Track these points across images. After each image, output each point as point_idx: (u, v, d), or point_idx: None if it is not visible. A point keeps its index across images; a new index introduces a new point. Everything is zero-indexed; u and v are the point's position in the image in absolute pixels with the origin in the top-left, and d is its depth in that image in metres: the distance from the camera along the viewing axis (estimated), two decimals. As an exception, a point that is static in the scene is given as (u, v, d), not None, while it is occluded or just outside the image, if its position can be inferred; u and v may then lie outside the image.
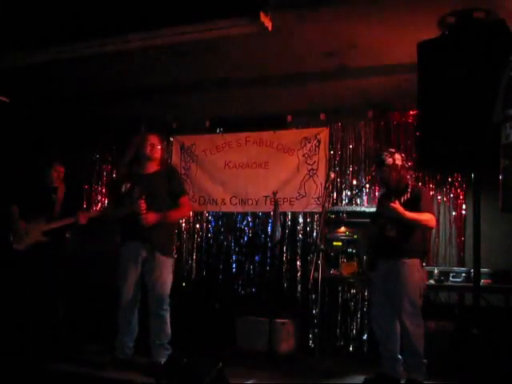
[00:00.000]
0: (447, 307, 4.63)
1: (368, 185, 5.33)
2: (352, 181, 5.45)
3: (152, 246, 3.93)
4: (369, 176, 5.34)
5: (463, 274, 4.42)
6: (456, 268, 4.64)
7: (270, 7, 3.35)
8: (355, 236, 4.77)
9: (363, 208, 5.01)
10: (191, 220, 6.01)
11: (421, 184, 4.85)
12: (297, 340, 4.97)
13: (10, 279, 4.59)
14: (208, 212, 6.01)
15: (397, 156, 3.84)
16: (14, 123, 5.81)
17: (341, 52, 4.15)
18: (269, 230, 5.67)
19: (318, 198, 5.35)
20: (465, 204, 5.00)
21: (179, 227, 5.93)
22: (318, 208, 5.30)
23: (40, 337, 4.38)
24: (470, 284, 3.83)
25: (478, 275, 3.06)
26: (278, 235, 4.88)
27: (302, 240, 5.56)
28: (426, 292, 3.85)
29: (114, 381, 3.74)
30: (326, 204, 4.70)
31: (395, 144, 5.10)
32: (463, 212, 5.01)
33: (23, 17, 3.82)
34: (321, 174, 5.41)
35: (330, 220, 4.86)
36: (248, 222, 5.88)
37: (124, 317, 4.02)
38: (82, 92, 5.42)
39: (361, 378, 3.85)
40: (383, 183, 4.01)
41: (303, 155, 5.52)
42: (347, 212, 4.86)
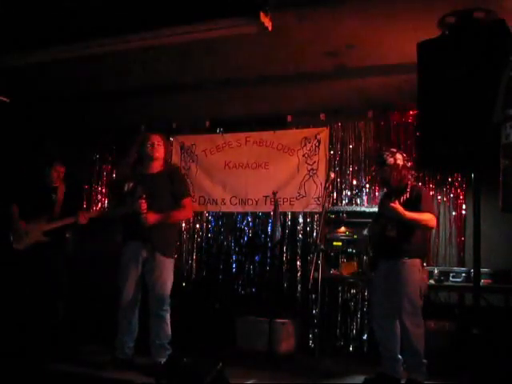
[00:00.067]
0: (447, 307, 4.63)
1: (368, 185, 5.33)
2: (352, 181, 5.45)
3: (152, 246, 3.93)
4: (369, 176, 5.34)
5: (463, 274, 4.42)
6: (456, 268, 4.65)
7: (270, 7, 3.35)
8: (355, 236, 4.77)
9: (363, 208, 5.01)
10: (191, 220, 6.00)
11: (421, 184, 4.84)
12: (297, 340, 4.97)
13: (10, 279, 4.59)
14: (208, 212, 6.01)
15: (398, 156, 3.84)
16: (14, 123, 5.81)
17: (340, 52, 4.15)
18: (269, 230, 5.67)
19: (318, 198, 5.35)
20: (465, 204, 5.00)
21: (179, 227, 5.93)
22: (318, 208, 5.30)
23: (40, 337, 4.38)
24: (470, 284, 3.83)
25: (478, 275, 3.05)
26: (278, 235, 4.88)
27: (302, 240, 5.56)
28: (427, 292, 3.84)
29: (114, 381, 3.74)
30: (326, 204, 4.70)
31: (395, 144, 5.10)
32: (463, 212, 5.01)
33: (23, 17, 3.82)
34: (321, 174, 5.41)
35: (330, 220, 4.87)
36: (248, 222, 5.88)
37: (124, 316, 4.02)
38: (82, 92, 5.42)
39: (361, 378, 3.85)
40: (384, 183, 4.01)
41: (303, 155, 5.52)
42: (347, 212, 4.87)
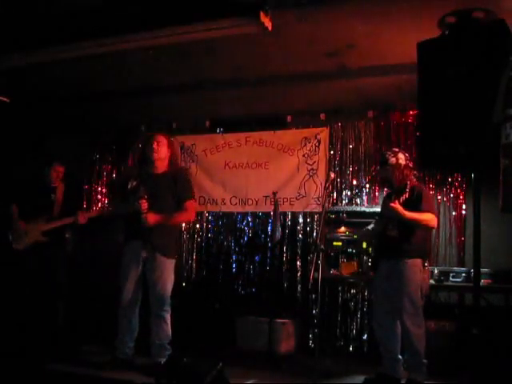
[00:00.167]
0: (447, 307, 4.63)
1: (368, 185, 5.33)
2: (352, 181, 5.45)
3: (152, 247, 3.93)
4: (369, 176, 5.34)
5: (463, 274, 4.42)
6: (456, 268, 4.64)
7: (270, 7, 3.35)
8: (355, 236, 4.77)
9: (363, 208, 5.02)
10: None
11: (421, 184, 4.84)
12: (297, 340, 4.97)
13: (10, 279, 4.59)
14: (208, 212, 6.00)
15: (400, 155, 3.83)
16: (14, 123, 5.81)
17: (341, 52, 4.15)
18: (269, 230, 5.66)
19: (318, 198, 5.35)
20: (465, 204, 4.99)
21: (180, 227, 5.92)
22: (318, 208, 5.30)
23: (40, 337, 4.38)
24: (470, 284, 3.83)
25: (478, 275, 3.05)
26: (278, 235, 4.87)
27: (302, 240, 5.56)
28: (428, 292, 3.84)
29: (114, 381, 3.74)
30: (326, 204, 4.70)
31: (395, 144, 5.09)
32: (463, 212, 5.01)
33: (23, 17, 3.82)
34: (321, 174, 5.41)
35: (330, 220, 4.86)
36: (248, 222, 5.87)
37: (124, 316, 4.02)
38: (82, 92, 5.42)
39: (361, 378, 3.85)
40: (386, 182, 4.01)
41: (303, 155, 5.52)
42: (347, 212, 4.86)
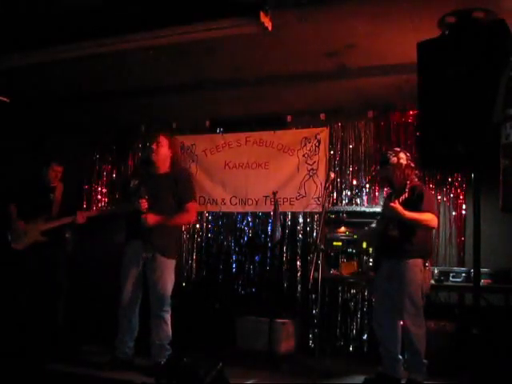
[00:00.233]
0: (447, 307, 4.62)
1: (368, 185, 5.33)
2: (352, 181, 5.45)
3: (152, 247, 3.93)
4: (369, 176, 5.34)
5: (463, 274, 4.42)
6: (456, 268, 4.64)
7: (270, 7, 3.35)
8: (355, 236, 4.77)
9: (363, 208, 5.02)
10: (191, 220, 6.01)
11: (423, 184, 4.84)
12: (297, 340, 4.97)
13: (9, 279, 4.59)
14: (208, 212, 6.00)
15: (401, 155, 3.83)
16: (14, 123, 5.81)
17: (341, 52, 4.15)
18: (269, 230, 5.66)
19: (318, 198, 5.35)
20: (465, 204, 4.99)
21: (181, 228, 5.92)
22: (318, 208, 5.30)
23: (40, 337, 4.38)
24: (470, 284, 3.83)
25: (478, 275, 3.05)
26: (278, 235, 4.87)
27: (302, 240, 5.56)
28: (428, 292, 3.84)
29: (114, 381, 3.74)
30: (326, 204, 4.70)
31: (395, 144, 5.08)
32: (463, 212, 5.01)
33: (23, 17, 3.82)
34: (321, 174, 5.41)
35: (330, 220, 4.86)
36: (248, 222, 5.87)
37: (124, 316, 4.02)
38: (82, 92, 5.42)
39: (361, 378, 3.85)
40: (387, 182, 4.01)
41: (303, 155, 5.52)
42: (347, 212, 4.86)
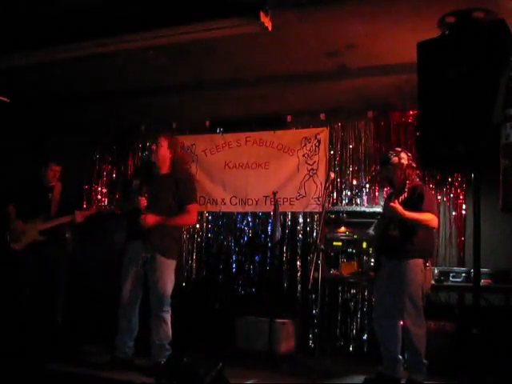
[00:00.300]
0: (447, 307, 4.63)
1: (368, 185, 5.33)
2: (352, 181, 5.45)
3: (152, 247, 3.93)
4: (369, 176, 5.34)
5: (463, 274, 4.42)
6: (456, 268, 4.65)
7: (270, 7, 3.35)
8: (355, 236, 4.77)
9: (363, 208, 5.02)
10: (191, 221, 6.00)
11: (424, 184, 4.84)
12: (297, 340, 4.97)
13: (9, 279, 4.59)
14: (208, 212, 6.00)
15: (402, 155, 3.82)
16: (14, 123, 5.81)
17: (341, 52, 4.15)
18: (269, 230, 5.67)
19: (318, 198, 5.35)
20: (465, 204, 5.00)
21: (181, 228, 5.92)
22: (318, 208, 5.30)
23: (40, 337, 4.38)
24: (470, 284, 3.83)
25: (478, 275, 3.04)
26: (278, 235, 4.87)
27: (302, 240, 5.56)
28: (429, 292, 3.84)
29: (114, 381, 3.74)
30: (326, 204, 4.70)
31: (395, 144, 5.09)
32: (463, 212, 5.01)
33: (23, 17, 3.82)
34: (321, 174, 5.41)
35: (330, 220, 4.86)
36: (248, 222, 5.88)
37: (124, 315, 4.02)
38: (82, 92, 5.42)
39: (361, 378, 3.84)
40: (388, 182, 4.00)
41: (303, 155, 5.52)
42: (347, 212, 4.87)
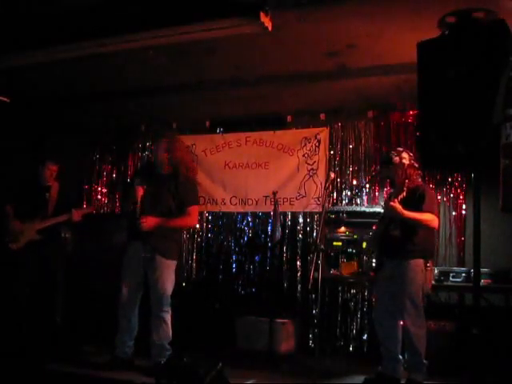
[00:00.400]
0: (447, 307, 4.63)
1: (368, 185, 5.33)
2: (352, 181, 5.45)
3: (152, 248, 3.93)
4: (369, 176, 5.34)
5: (463, 274, 4.42)
6: (456, 268, 4.65)
7: (270, 7, 3.35)
8: (355, 236, 4.77)
9: (363, 208, 5.01)
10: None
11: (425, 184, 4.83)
12: (297, 340, 4.97)
13: (8, 279, 4.59)
14: (208, 212, 6.00)
15: (404, 155, 3.83)
16: (14, 123, 5.81)
17: (341, 52, 4.15)
18: (269, 230, 5.66)
19: (318, 198, 5.35)
20: (465, 204, 5.00)
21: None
22: (318, 208, 5.30)
23: (39, 337, 4.38)
24: (470, 284, 3.83)
25: (478, 275, 3.05)
26: (278, 235, 4.87)
27: (302, 240, 5.56)
28: (429, 292, 3.83)
29: (114, 381, 3.74)
30: (326, 204, 4.70)
31: (395, 144, 5.09)
32: (463, 212, 5.01)
33: (23, 17, 3.82)
34: (321, 174, 5.41)
35: (330, 220, 4.86)
36: (248, 222, 5.87)
37: (124, 315, 4.02)
38: (82, 92, 5.42)
39: (361, 378, 3.85)
40: (390, 182, 4.00)
41: (303, 155, 5.52)
42: (347, 212, 4.87)
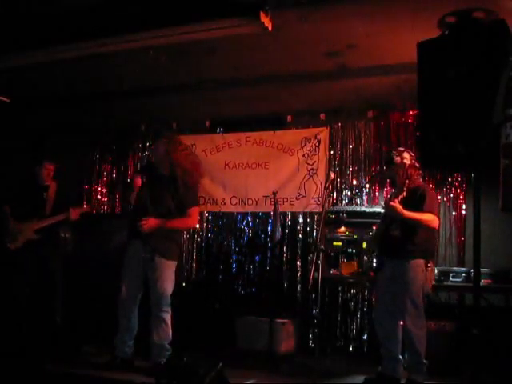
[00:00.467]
0: (447, 307, 4.63)
1: (368, 185, 5.34)
2: (352, 181, 5.45)
3: (152, 248, 3.93)
4: (369, 176, 5.34)
5: (463, 274, 4.42)
6: (456, 268, 4.65)
7: (270, 7, 3.35)
8: (355, 236, 4.77)
9: (363, 208, 5.01)
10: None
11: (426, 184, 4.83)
12: (297, 340, 4.96)
13: (7, 279, 4.59)
14: (208, 212, 6.00)
15: (405, 155, 3.82)
16: (14, 123, 5.81)
17: (341, 52, 4.15)
18: (269, 230, 5.67)
19: (318, 198, 5.35)
20: (465, 204, 5.00)
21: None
22: (318, 208, 5.30)
23: (39, 337, 4.38)
24: (470, 284, 3.83)
25: (478, 275, 3.04)
26: (278, 235, 4.87)
27: (302, 240, 5.56)
28: (428, 293, 3.83)
29: (114, 381, 3.74)
30: (326, 204, 4.70)
31: (395, 144, 5.10)
32: (463, 212, 5.01)
33: (23, 17, 3.82)
34: (321, 174, 5.41)
35: (330, 220, 4.86)
36: (248, 222, 5.88)
37: (124, 315, 4.02)
38: (82, 92, 5.42)
39: (361, 378, 3.85)
40: (391, 182, 4.00)
41: (303, 155, 5.52)
42: (347, 212, 4.86)
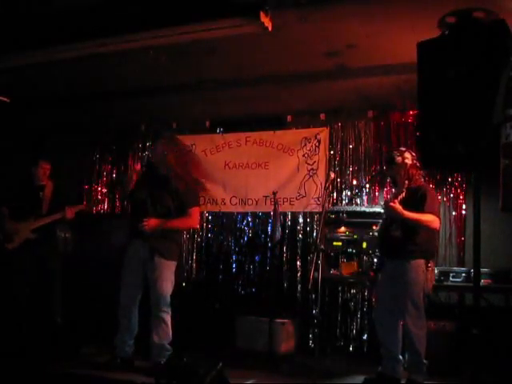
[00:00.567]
0: (447, 307, 4.63)
1: (368, 185, 5.33)
2: (352, 181, 5.45)
3: (152, 248, 3.93)
4: (369, 176, 5.34)
5: (463, 274, 4.42)
6: (456, 268, 4.65)
7: (270, 7, 3.35)
8: (355, 236, 4.77)
9: (363, 208, 5.02)
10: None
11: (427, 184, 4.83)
12: (297, 340, 4.96)
13: (6, 279, 4.59)
14: (208, 212, 6.00)
15: (406, 155, 3.82)
16: (14, 123, 5.81)
17: (341, 52, 4.15)
18: (269, 230, 5.67)
19: (318, 198, 5.35)
20: (465, 204, 5.00)
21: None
22: (318, 208, 5.30)
23: (39, 337, 4.38)
24: (470, 284, 3.83)
25: (478, 275, 3.04)
26: (278, 235, 4.87)
27: (302, 240, 5.56)
28: (428, 293, 3.83)
29: (114, 381, 3.74)
30: (326, 204, 4.70)
31: (395, 144, 5.10)
32: (463, 212, 5.01)
33: (23, 17, 3.82)
34: (321, 174, 5.41)
35: (330, 220, 4.86)
36: (248, 222, 5.88)
37: (124, 315, 4.02)
38: (82, 92, 5.42)
39: (361, 378, 3.85)
40: (393, 182, 4.00)
41: (303, 155, 5.52)
42: (347, 212, 4.86)
